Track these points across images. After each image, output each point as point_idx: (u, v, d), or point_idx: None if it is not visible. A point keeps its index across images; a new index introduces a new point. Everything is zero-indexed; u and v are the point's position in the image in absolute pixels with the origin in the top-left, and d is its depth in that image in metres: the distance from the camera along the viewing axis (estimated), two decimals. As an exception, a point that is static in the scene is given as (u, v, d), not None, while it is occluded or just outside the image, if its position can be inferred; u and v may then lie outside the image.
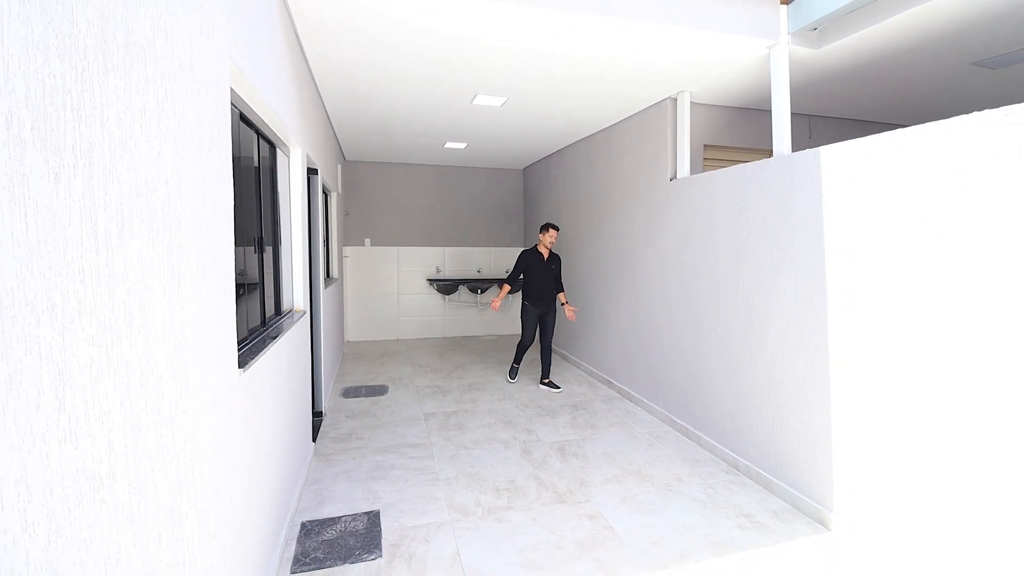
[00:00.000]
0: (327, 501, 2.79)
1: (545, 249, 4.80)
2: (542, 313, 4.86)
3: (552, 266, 4.81)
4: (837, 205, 2.52)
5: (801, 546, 2.41)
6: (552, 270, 4.81)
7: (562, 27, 2.76)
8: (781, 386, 2.88)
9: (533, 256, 4.79)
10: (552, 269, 4.81)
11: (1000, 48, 3.14)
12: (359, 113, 4.58)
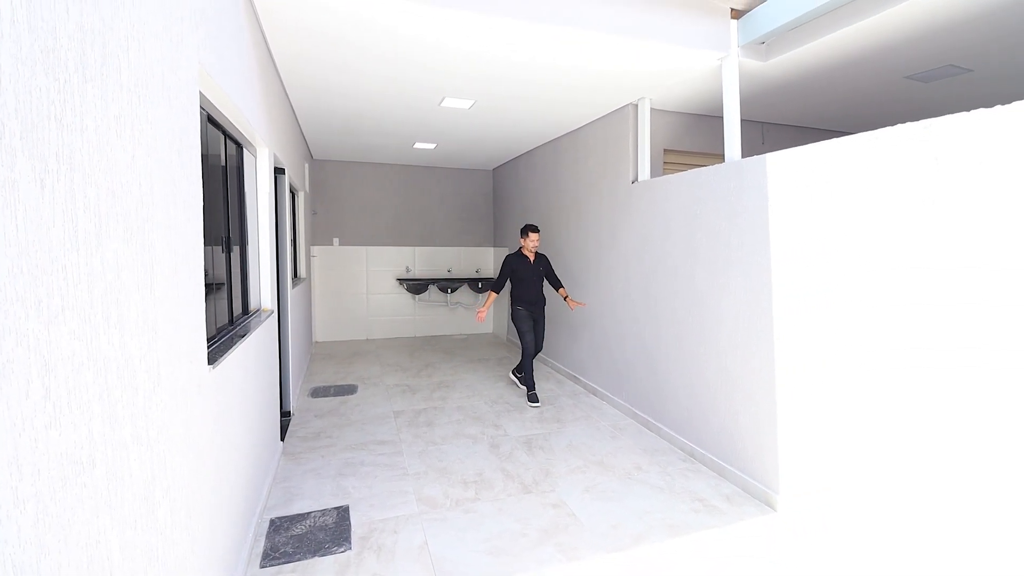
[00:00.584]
0: (296, 498, 2.82)
1: (530, 252, 4.62)
2: (534, 317, 4.66)
3: (539, 268, 4.64)
4: (781, 209, 2.71)
5: (749, 526, 2.59)
6: (540, 272, 4.64)
7: (526, 36, 2.87)
8: (733, 379, 3.06)
9: (518, 260, 4.60)
10: (539, 271, 4.64)
11: (930, 64, 3.41)
12: (327, 113, 4.59)
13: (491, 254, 8.13)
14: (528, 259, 4.61)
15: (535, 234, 4.59)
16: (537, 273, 4.61)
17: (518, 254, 4.63)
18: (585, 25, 2.80)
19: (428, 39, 2.91)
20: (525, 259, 4.61)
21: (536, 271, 4.61)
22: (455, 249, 7.96)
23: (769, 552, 2.36)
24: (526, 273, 4.57)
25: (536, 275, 4.60)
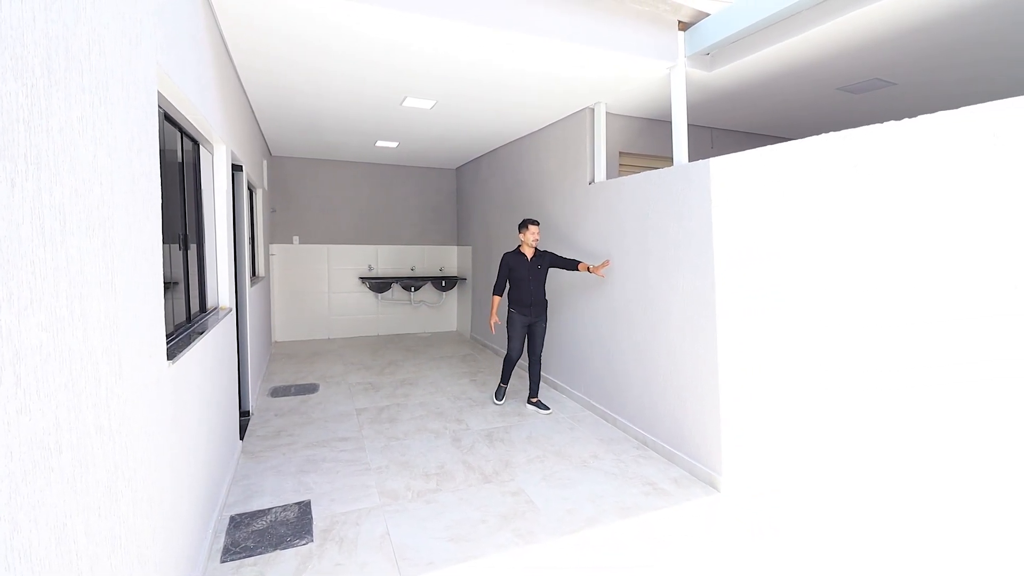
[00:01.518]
0: (256, 495, 2.83)
1: (529, 248, 4.20)
2: (531, 322, 4.24)
3: (539, 266, 4.19)
4: (723, 210, 2.90)
5: (694, 506, 2.77)
6: (540, 271, 4.20)
7: (485, 40, 2.96)
8: (681, 369, 3.25)
9: (516, 258, 4.20)
10: (540, 270, 4.20)
11: (859, 77, 3.70)
12: (286, 109, 4.55)
13: (454, 252, 8.19)
14: (526, 257, 4.20)
15: (535, 227, 4.17)
16: (537, 272, 4.20)
17: (515, 252, 4.24)
18: (541, 32, 2.92)
19: (387, 39, 2.97)
20: (522, 257, 4.21)
21: (536, 270, 4.19)
22: (419, 248, 7.98)
23: (711, 528, 2.54)
24: (524, 272, 4.17)
25: (536, 275, 4.19)
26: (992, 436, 1.80)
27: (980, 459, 1.83)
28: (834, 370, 2.32)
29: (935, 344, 1.95)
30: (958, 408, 1.89)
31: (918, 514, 2.02)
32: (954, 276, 1.89)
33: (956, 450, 1.90)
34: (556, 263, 4.18)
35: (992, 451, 1.80)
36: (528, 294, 4.16)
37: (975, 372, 1.84)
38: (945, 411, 1.93)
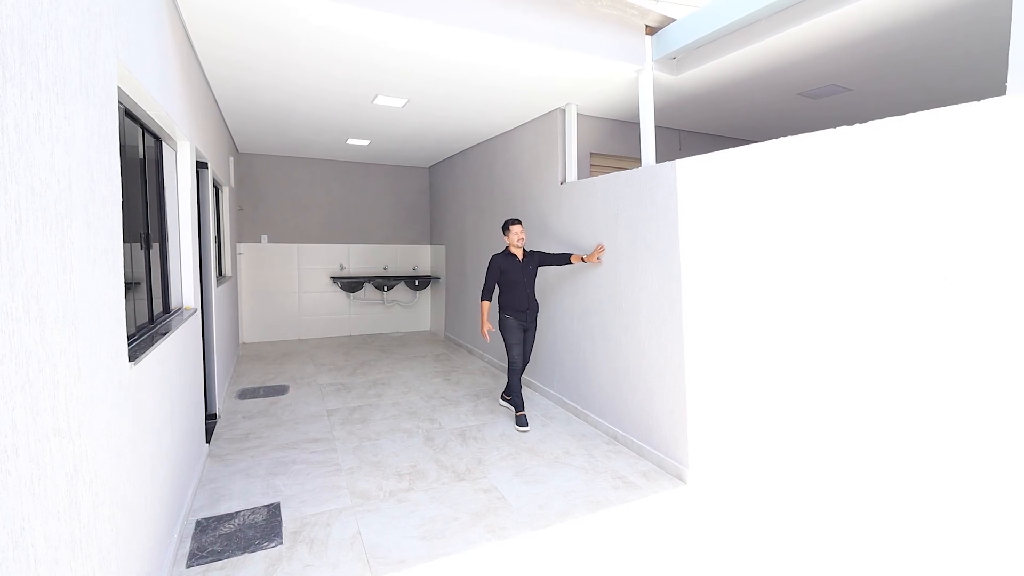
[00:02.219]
0: (224, 499, 2.78)
1: (517, 249, 3.96)
2: (525, 327, 3.99)
3: (530, 267, 3.96)
4: (689, 210, 2.99)
5: (662, 498, 2.85)
6: (532, 271, 3.97)
7: (456, 40, 2.97)
8: (650, 364, 3.33)
9: (506, 260, 3.93)
10: (532, 271, 3.97)
11: (817, 82, 3.85)
12: (253, 105, 4.46)
13: (428, 251, 8.15)
14: (516, 258, 3.94)
15: (517, 226, 3.94)
16: (529, 274, 3.96)
17: (505, 253, 3.97)
18: (512, 34, 2.95)
19: (357, 35, 2.94)
20: (513, 258, 3.94)
21: (527, 271, 3.95)
22: (392, 247, 7.91)
23: (677, 518, 2.62)
24: (516, 275, 3.91)
25: (528, 276, 3.95)
26: (947, 425, 1.91)
27: (934, 449, 1.94)
28: (794, 365, 2.42)
29: (890, 337, 2.06)
30: (912, 396, 2.00)
31: (878, 502, 2.13)
32: (901, 271, 2.00)
33: (911, 439, 2.01)
34: (546, 261, 4.00)
35: (945, 439, 1.91)
36: (523, 298, 3.91)
37: (930, 362, 1.95)
38: (899, 400, 2.04)
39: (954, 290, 1.84)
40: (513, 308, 3.93)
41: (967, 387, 1.81)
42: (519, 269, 3.93)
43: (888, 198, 2.04)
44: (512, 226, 3.96)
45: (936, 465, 1.91)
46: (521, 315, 3.93)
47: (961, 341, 1.82)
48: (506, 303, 3.96)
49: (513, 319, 3.94)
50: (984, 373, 1.76)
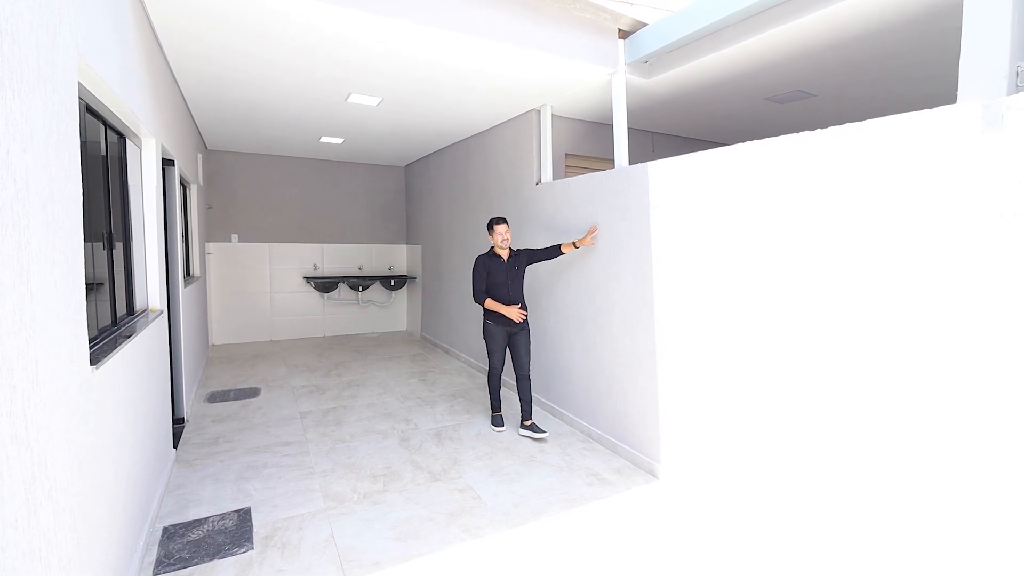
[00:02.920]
0: (192, 504, 2.72)
1: (502, 250, 3.76)
2: (512, 332, 3.77)
3: (516, 267, 3.76)
4: (661, 210, 3.05)
5: (635, 494, 2.90)
6: (518, 272, 3.76)
7: (431, 40, 2.97)
8: (624, 363, 3.39)
9: (491, 261, 3.74)
10: (517, 271, 3.76)
11: (783, 88, 3.96)
12: (222, 101, 4.36)
13: (404, 251, 8.10)
14: (501, 259, 3.75)
15: (502, 226, 3.73)
16: (515, 275, 3.75)
17: (490, 254, 3.78)
18: (487, 35, 2.96)
19: (331, 31, 2.90)
20: (498, 259, 3.75)
21: (513, 272, 3.74)
22: (367, 246, 7.83)
23: (649, 513, 2.67)
24: (500, 276, 3.72)
25: (514, 278, 3.74)
26: (908, 419, 2.00)
27: (897, 444, 2.03)
28: (760, 362, 2.50)
29: (851, 336, 2.15)
30: (873, 391, 2.09)
31: (840, 495, 2.21)
32: (861, 270, 2.09)
33: (872, 434, 2.10)
34: (535, 258, 3.79)
35: (906, 434, 2.00)
36: (507, 301, 3.72)
37: (890, 359, 2.04)
38: (860, 396, 2.13)
39: (913, 288, 1.93)
40: (498, 313, 3.73)
41: (927, 381, 1.90)
42: (504, 270, 3.73)
43: (849, 200, 2.12)
44: (496, 225, 3.75)
45: (900, 460, 2.00)
46: (506, 319, 3.72)
47: (917, 337, 1.91)
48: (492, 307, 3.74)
49: (495, 324, 3.75)
50: (942, 368, 1.85)
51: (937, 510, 1.87)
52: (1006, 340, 1.67)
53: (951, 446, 1.82)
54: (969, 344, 1.77)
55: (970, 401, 1.77)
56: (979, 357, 1.74)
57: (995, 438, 1.71)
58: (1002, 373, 1.69)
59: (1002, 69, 1.74)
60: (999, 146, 1.68)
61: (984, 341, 1.73)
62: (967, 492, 1.79)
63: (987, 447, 1.73)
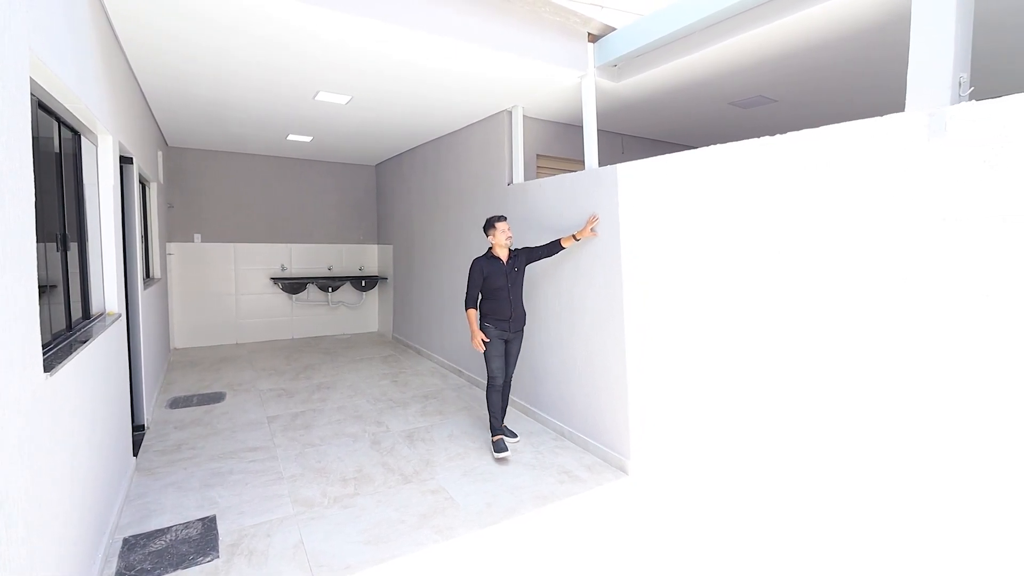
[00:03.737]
0: (154, 514, 2.63)
1: (503, 250, 3.49)
2: (507, 337, 3.53)
3: (516, 269, 3.50)
4: (630, 211, 3.11)
5: (606, 489, 2.95)
6: (518, 275, 3.52)
7: (401, 39, 2.95)
8: (594, 361, 3.44)
9: (489, 263, 3.46)
10: (517, 273, 3.51)
11: (746, 93, 4.09)
12: (184, 97, 4.22)
13: (375, 251, 8.00)
14: (501, 261, 3.48)
15: (503, 224, 3.46)
16: (515, 277, 3.50)
17: (488, 256, 3.51)
18: (457, 35, 2.96)
19: (298, 25, 2.82)
20: (496, 261, 3.47)
21: (514, 274, 3.49)
22: (336, 246, 7.70)
23: (619, 508, 2.72)
24: (500, 280, 3.45)
25: (515, 280, 3.50)
26: (862, 414, 2.09)
27: (854, 438, 2.12)
28: (724, 360, 2.57)
29: (819, 333, 2.24)
30: (837, 386, 2.18)
31: (796, 488, 2.30)
32: (820, 270, 2.18)
33: (830, 429, 2.19)
34: (535, 256, 3.56)
35: (861, 429, 2.09)
36: (507, 305, 3.44)
37: (847, 357, 2.13)
38: (818, 392, 2.22)
39: (869, 285, 2.02)
40: (496, 317, 3.45)
41: (887, 378, 2.00)
42: (503, 273, 3.46)
43: (807, 202, 2.21)
44: (498, 223, 3.46)
45: (858, 455, 2.09)
46: (505, 324, 3.47)
47: (869, 337, 2.01)
48: (488, 311, 3.49)
49: (493, 328, 3.47)
50: (902, 363, 1.95)
51: (892, 503, 1.97)
52: (950, 333, 1.78)
53: (903, 438, 1.92)
54: (922, 338, 1.87)
55: (920, 393, 1.87)
56: (929, 351, 1.84)
57: (939, 429, 1.82)
58: (951, 365, 1.79)
59: (946, 80, 1.84)
60: (943, 152, 1.78)
61: (932, 335, 1.83)
62: (917, 481, 1.89)
63: (932, 437, 1.84)
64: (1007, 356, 1.65)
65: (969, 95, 1.88)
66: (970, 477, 1.75)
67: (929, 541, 1.86)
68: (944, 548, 1.82)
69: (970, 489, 1.75)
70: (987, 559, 1.72)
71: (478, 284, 3.46)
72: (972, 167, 1.71)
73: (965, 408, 1.75)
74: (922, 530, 1.88)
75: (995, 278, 1.67)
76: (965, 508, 1.77)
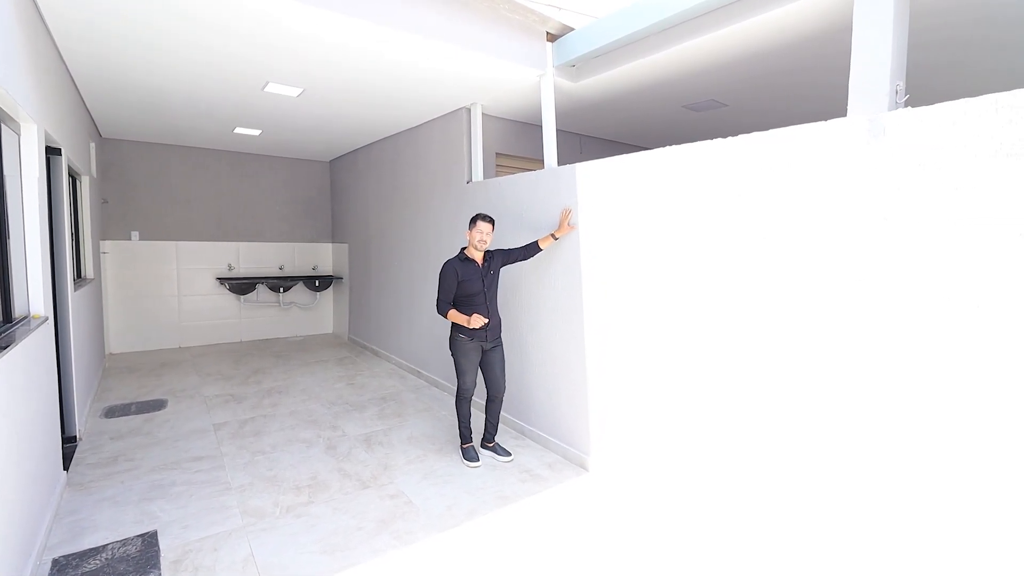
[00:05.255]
0: (87, 532, 2.45)
1: (477, 252, 3.22)
2: (485, 348, 3.30)
3: (491, 272, 3.26)
4: (588, 211, 3.13)
5: (567, 487, 2.96)
6: (493, 278, 3.28)
7: (358, 31, 2.86)
8: (555, 359, 3.45)
9: (465, 267, 3.18)
10: (493, 277, 3.27)
11: (698, 97, 4.21)
12: (118, 85, 3.95)
13: (329, 250, 7.76)
14: (476, 263, 3.22)
15: (485, 224, 3.19)
16: (492, 281, 3.27)
17: (462, 258, 3.22)
18: (415, 29, 2.90)
19: (249, 8, 2.69)
20: (472, 265, 3.21)
21: (490, 277, 3.26)
22: (288, 245, 7.42)
23: (581, 505, 2.74)
24: (475, 285, 3.18)
25: (491, 284, 3.26)
26: (814, 411, 2.18)
27: (802, 433, 2.21)
28: (681, 357, 2.63)
29: (773, 331, 2.31)
30: (782, 385, 2.26)
31: (750, 484, 2.38)
32: (770, 269, 2.26)
33: (782, 424, 2.27)
34: (511, 258, 3.35)
35: (812, 425, 2.18)
36: (483, 312, 3.19)
37: (795, 355, 2.21)
38: (772, 389, 2.30)
39: (819, 285, 2.11)
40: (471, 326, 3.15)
41: (829, 376, 2.09)
42: (479, 277, 3.20)
43: (757, 201, 2.28)
44: (480, 223, 3.18)
45: (807, 449, 2.18)
46: (480, 333, 3.22)
47: (822, 335, 2.10)
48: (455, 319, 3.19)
49: (467, 338, 3.23)
50: (841, 364, 2.04)
51: (834, 496, 2.06)
52: (894, 329, 1.88)
53: (851, 437, 2.02)
54: (871, 335, 1.96)
55: (862, 392, 1.97)
56: (877, 346, 1.94)
57: (871, 428, 1.92)
58: (889, 360, 1.89)
59: (884, 87, 1.94)
60: (883, 156, 1.87)
61: (879, 331, 1.93)
62: (864, 474, 1.99)
63: (866, 436, 1.94)
64: (945, 351, 1.75)
65: (905, 102, 2.00)
66: (913, 458, 1.85)
67: (861, 531, 1.96)
68: (866, 537, 1.93)
69: (901, 476, 1.86)
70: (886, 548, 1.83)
71: (452, 289, 3.16)
72: (909, 169, 1.81)
73: (901, 398, 1.85)
74: (856, 522, 1.98)
75: (931, 275, 1.77)
76: (883, 495, 1.87)
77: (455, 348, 3.28)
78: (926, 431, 1.80)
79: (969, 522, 1.72)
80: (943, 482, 1.77)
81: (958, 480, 1.74)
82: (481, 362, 3.32)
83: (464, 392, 3.32)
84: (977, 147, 1.66)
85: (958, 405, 1.73)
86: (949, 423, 1.75)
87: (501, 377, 3.34)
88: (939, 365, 1.76)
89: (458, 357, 3.28)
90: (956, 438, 1.74)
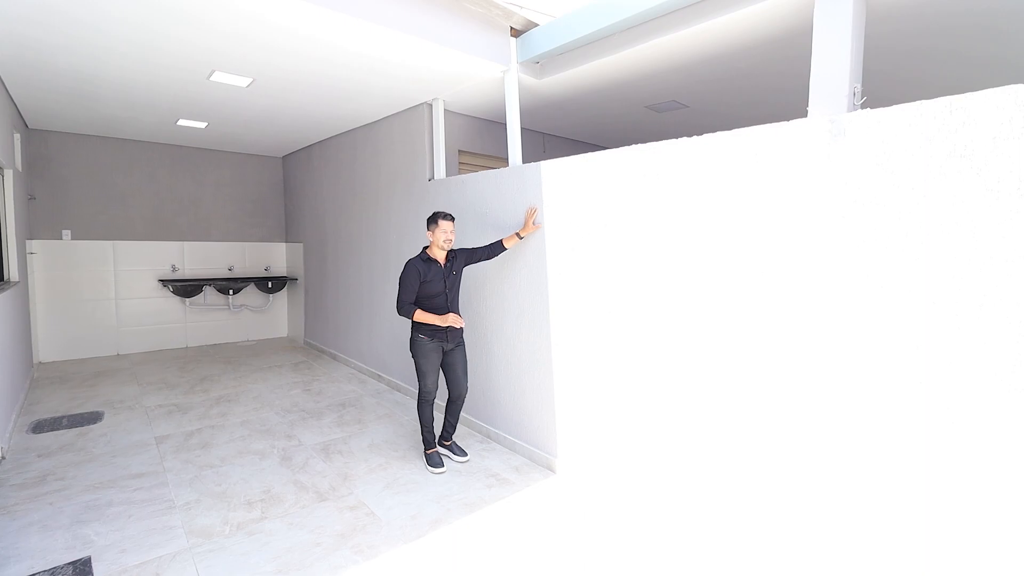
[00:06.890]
0: (11, 561, 2.20)
1: (440, 251, 3.17)
2: (447, 349, 3.23)
3: (454, 273, 3.21)
4: (553, 209, 3.09)
5: (534, 490, 2.91)
6: (455, 279, 3.23)
7: (312, 17, 2.70)
8: (520, 360, 3.39)
9: (428, 266, 3.11)
10: (455, 277, 3.22)
11: (660, 98, 4.25)
12: (45, 71, 3.61)
13: (283, 250, 7.44)
14: (438, 263, 3.15)
15: (448, 223, 3.13)
16: (454, 282, 3.22)
17: (423, 258, 3.15)
18: (374, 18, 2.77)
19: None
20: (434, 264, 3.14)
21: (452, 278, 3.20)
22: (238, 244, 7.06)
23: (548, 508, 2.69)
24: (438, 285, 3.13)
25: (453, 285, 3.21)
26: (780, 413, 2.20)
27: (768, 438, 2.23)
28: (648, 358, 2.62)
29: (740, 329, 2.32)
30: (750, 388, 2.27)
31: (715, 484, 2.38)
32: (732, 267, 2.27)
33: (748, 427, 2.28)
34: (474, 258, 3.28)
35: (778, 427, 2.20)
36: (444, 311, 3.16)
37: (763, 356, 2.23)
38: (738, 392, 2.31)
39: (782, 282, 2.13)
40: (432, 327, 3.13)
41: (792, 374, 2.11)
42: (442, 277, 3.14)
43: (719, 200, 2.29)
44: (442, 221, 3.12)
45: (775, 453, 2.20)
46: (441, 333, 3.17)
47: (786, 332, 2.12)
48: (423, 320, 3.11)
49: (428, 339, 3.16)
50: (802, 362, 2.07)
51: (796, 495, 2.09)
52: (845, 323, 1.91)
53: (819, 439, 2.05)
54: (829, 331, 1.99)
55: (828, 388, 2.00)
56: (828, 342, 1.97)
57: (839, 426, 1.95)
58: (846, 354, 1.92)
59: (843, 89, 1.98)
60: (842, 155, 1.91)
61: (837, 327, 1.96)
62: (825, 471, 2.02)
63: (832, 435, 1.97)
64: (903, 348, 1.79)
65: (862, 104, 2.04)
66: (866, 458, 1.89)
67: (798, 526, 2.00)
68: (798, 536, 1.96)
69: (839, 477, 1.90)
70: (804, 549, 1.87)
71: (415, 289, 3.08)
72: (867, 169, 1.84)
73: (859, 392, 1.89)
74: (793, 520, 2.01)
75: (887, 272, 1.81)
76: (822, 498, 1.91)
77: (416, 350, 3.19)
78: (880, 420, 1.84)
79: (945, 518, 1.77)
80: (877, 475, 1.82)
81: (886, 476, 1.78)
82: (443, 363, 3.24)
83: (426, 395, 3.24)
84: (932, 148, 1.70)
85: (914, 400, 1.77)
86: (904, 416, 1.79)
87: (463, 378, 3.28)
88: (895, 359, 1.80)
89: (419, 359, 3.19)
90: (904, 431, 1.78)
